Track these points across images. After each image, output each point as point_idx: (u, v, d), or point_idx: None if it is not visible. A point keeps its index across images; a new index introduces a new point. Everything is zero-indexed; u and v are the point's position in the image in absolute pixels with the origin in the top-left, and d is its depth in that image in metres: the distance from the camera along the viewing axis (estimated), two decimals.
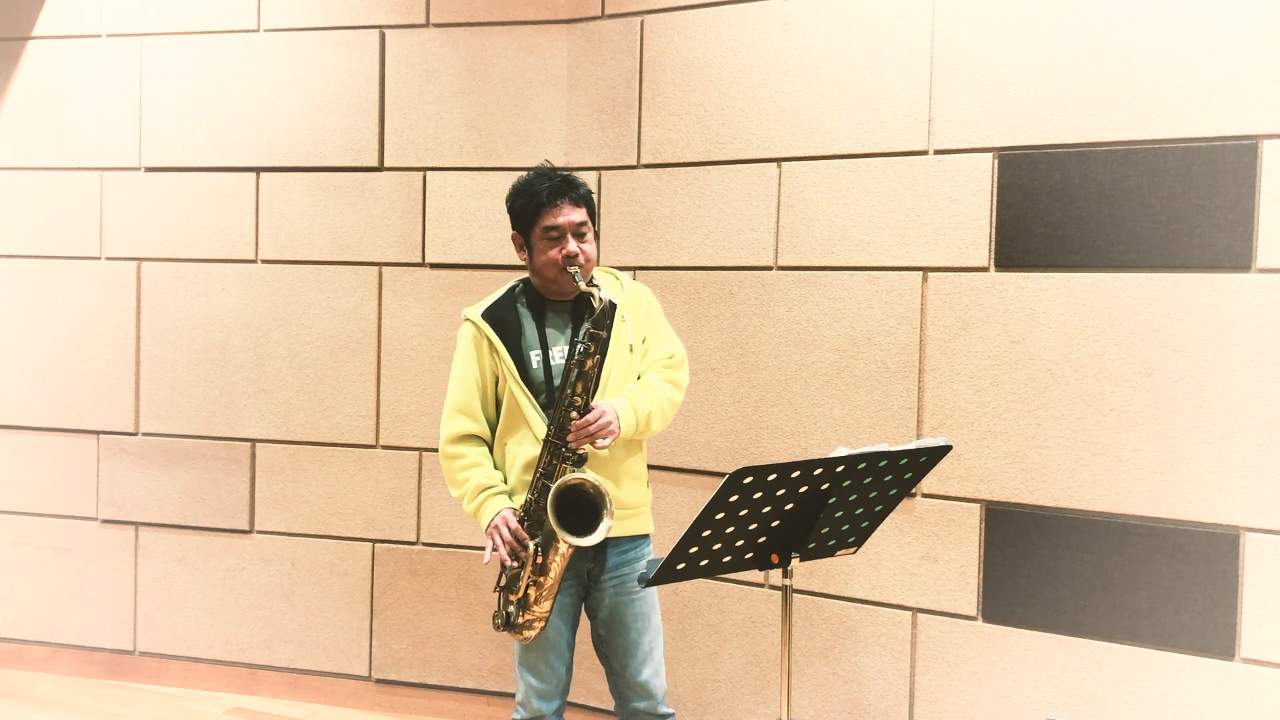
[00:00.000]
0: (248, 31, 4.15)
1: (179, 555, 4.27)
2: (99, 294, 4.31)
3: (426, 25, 3.99)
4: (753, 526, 2.26)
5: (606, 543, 2.62)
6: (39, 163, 4.38)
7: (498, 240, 3.92)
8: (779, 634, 2.95)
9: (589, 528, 2.51)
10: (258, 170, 4.15)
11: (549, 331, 2.68)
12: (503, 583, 2.66)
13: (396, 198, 4.02)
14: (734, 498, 2.17)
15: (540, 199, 2.63)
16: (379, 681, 4.10)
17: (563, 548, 2.56)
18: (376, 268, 4.05)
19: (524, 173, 2.74)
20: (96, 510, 4.35)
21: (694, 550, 2.24)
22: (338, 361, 4.09)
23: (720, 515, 2.19)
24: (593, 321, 2.56)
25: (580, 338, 2.58)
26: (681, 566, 2.27)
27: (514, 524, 2.58)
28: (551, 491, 2.51)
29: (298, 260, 4.12)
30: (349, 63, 4.04)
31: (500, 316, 2.69)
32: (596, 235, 2.73)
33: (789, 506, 2.26)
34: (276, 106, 4.11)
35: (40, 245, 4.38)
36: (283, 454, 4.15)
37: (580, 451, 2.55)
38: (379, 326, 4.05)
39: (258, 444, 4.18)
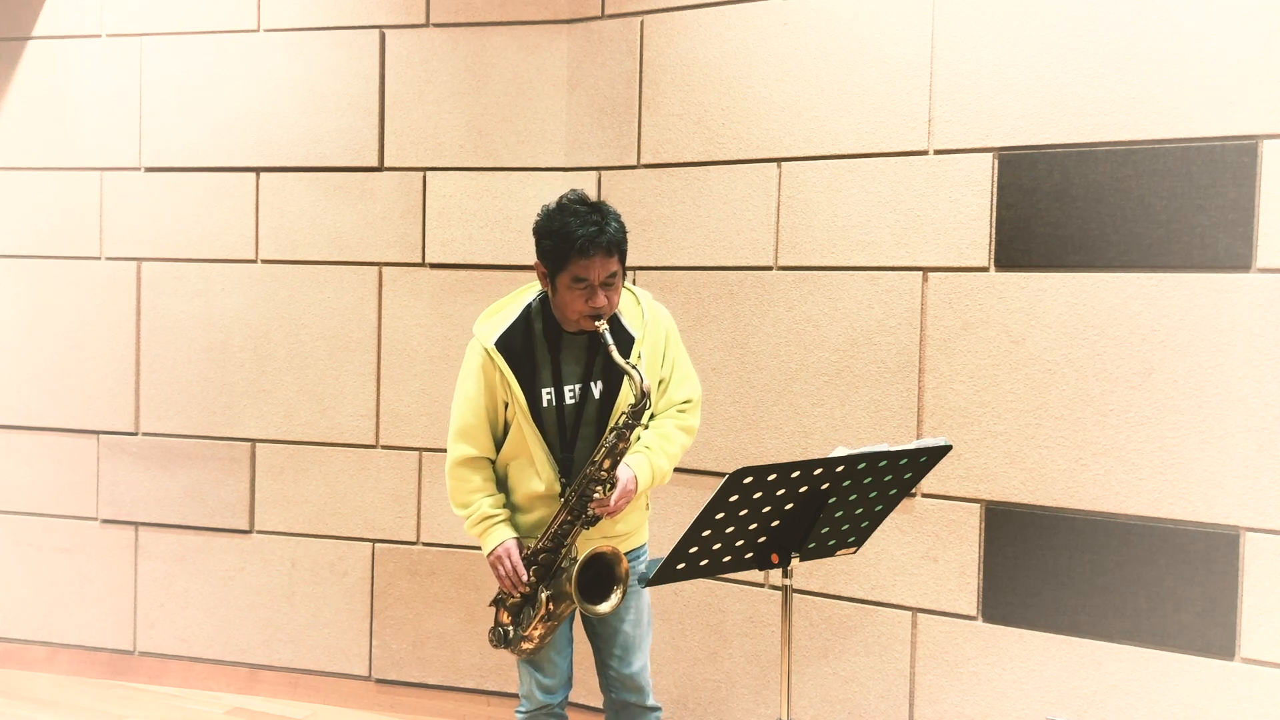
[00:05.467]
0: (248, 31, 4.15)
1: (179, 555, 4.27)
2: (99, 294, 4.31)
3: (426, 25, 3.98)
4: (753, 526, 2.26)
5: None
6: (39, 163, 4.37)
7: (498, 240, 3.92)
8: (779, 634, 2.94)
9: (604, 589, 2.55)
10: (258, 170, 4.15)
11: (564, 367, 2.60)
12: (499, 596, 2.70)
13: (396, 198, 4.02)
14: (734, 498, 2.17)
15: (574, 248, 2.45)
16: (379, 681, 4.10)
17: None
18: (376, 268, 4.05)
19: (554, 205, 2.54)
20: (96, 510, 4.35)
21: (694, 550, 2.24)
22: (338, 361, 4.09)
23: (720, 515, 2.19)
24: (631, 412, 2.50)
25: (617, 425, 2.52)
26: (681, 566, 2.27)
27: (516, 557, 2.60)
28: (576, 566, 2.51)
29: (298, 260, 4.12)
30: (349, 63, 4.04)
31: (514, 347, 2.58)
32: (624, 273, 2.60)
33: (789, 506, 2.26)
34: (276, 106, 4.11)
35: (40, 245, 4.38)
36: (283, 454, 4.15)
37: (596, 514, 2.56)
38: (379, 326, 4.05)
39: (258, 444, 4.18)
